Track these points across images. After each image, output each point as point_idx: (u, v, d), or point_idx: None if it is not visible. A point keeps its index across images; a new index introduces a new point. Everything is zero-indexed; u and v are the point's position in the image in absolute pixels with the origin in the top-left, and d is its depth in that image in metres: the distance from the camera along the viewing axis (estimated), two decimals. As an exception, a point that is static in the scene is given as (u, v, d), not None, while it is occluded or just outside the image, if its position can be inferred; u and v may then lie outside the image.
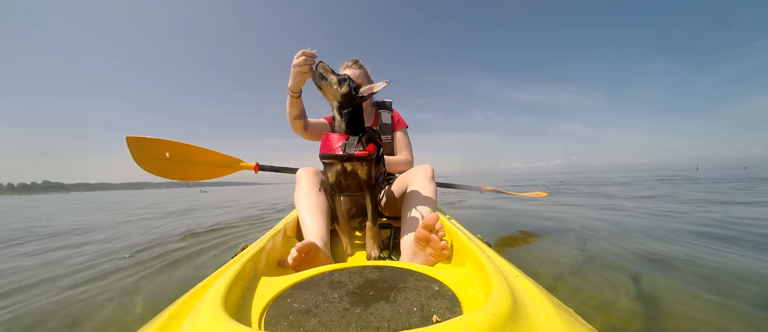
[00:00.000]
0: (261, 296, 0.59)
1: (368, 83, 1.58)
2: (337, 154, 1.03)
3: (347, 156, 1.02)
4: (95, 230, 3.71)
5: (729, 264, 1.57)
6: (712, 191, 6.00)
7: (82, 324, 1.17)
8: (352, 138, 1.04)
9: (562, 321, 0.46)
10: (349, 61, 1.58)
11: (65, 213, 6.79)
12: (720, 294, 1.22)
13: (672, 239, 2.13)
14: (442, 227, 0.86)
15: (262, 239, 0.99)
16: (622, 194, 6.29)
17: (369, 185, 1.09)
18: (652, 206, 4.00)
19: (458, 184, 2.42)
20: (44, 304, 1.36)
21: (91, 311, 1.27)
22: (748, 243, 1.97)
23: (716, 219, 2.87)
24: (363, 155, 1.02)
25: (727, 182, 8.88)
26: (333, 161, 1.06)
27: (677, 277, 1.42)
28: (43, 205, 11.59)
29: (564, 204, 4.66)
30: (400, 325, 0.48)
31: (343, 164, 1.06)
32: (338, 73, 1.10)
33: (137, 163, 1.75)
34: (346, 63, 1.58)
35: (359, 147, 1.02)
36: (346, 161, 1.05)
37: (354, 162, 1.05)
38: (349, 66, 1.55)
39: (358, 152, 1.02)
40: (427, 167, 1.34)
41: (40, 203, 14.30)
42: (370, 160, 1.05)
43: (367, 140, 1.05)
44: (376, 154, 1.09)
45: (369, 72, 1.64)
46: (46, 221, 5.01)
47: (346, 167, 1.06)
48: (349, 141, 1.04)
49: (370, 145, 1.05)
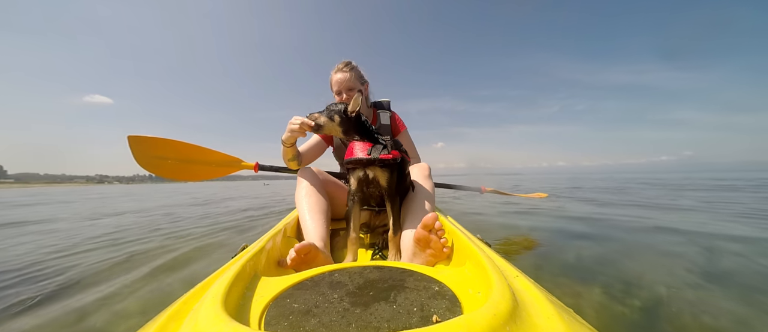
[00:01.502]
0: (261, 296, 0.59)
1: (361, 83, 1.59)
2: (359, 158, 1.05)
3: (368, 160, 1.04)
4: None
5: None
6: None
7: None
8: (378, 145, 1.07)
9: (562, 321, 0.46)
10: (340, 65, 1.58)
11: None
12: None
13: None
14: (441, 227, 0.86)
15: (262, 239, 0.99)
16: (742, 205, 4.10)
17: (390, 193, 1.10)
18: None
19: (457, 185, 2.42)
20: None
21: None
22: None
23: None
24: (388, 158, 1.04)
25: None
26: (356, 166, 1.09)
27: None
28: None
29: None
30: (400, 325, 0.48)
31: (365, 171, 1.08)
32: (329, 107, 1.16)
33: (138, 162, 1.76)
34: (337, 66, 1.58)
35: (385, 152, 1.05)
36: (368, 166, 1.07)
37: (375, 169, 1.07)
38: (340, 69, 1.56)
39: (384, 155, 1.04)
40: (424, 165, 1.34)
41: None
42: (393, 165, 1.07)
43: (392, 146, 1.08)
44: (400, 165, 1.10)
45: (362, 72, 1.64)
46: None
47: (368, 174, 1.08)
48: (375, 147, 1.07)
49: (394, 150, 1.07)
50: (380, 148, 1.06)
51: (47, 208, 6.50)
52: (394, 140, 1.11)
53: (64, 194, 14.51)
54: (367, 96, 1.70)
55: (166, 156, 1.79)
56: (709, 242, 2.10)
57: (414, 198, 1.19)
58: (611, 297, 1.25)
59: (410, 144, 1.77)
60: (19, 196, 11.34)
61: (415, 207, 1.15)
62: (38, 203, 7.95)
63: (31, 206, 7.00)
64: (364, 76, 1.63)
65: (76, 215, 4.95)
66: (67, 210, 5.85)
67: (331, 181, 1.44)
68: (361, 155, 1.06)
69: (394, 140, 1.11)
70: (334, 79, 1.56)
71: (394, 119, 1.74)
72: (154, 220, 3.99)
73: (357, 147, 1.09)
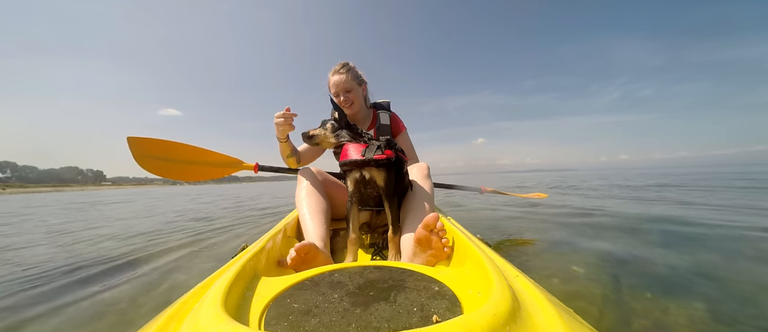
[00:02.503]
0: (261, 296, 0.59)
1: (359, 83, 1.60)
2: (354, 159, 1.06)
3: (363, 161, 1.05)
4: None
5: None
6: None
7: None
8: (372, 145, 1.07)
9: (562, 321, 0.46)
10: (336, 67, 1.59)
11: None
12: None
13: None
14: (442, 227, 0.86)
15: (262, 239, 0.99)
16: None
17: (387, 193, 1.10)
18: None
19: (457, 185, 2.42)
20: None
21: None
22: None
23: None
24: (381, 158, 1.04)
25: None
26: (352, 167, 1.09)
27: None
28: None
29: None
30: (400, 325, 0.48)
31: (362, 172, 1.08)
32: (322, 124, 1.25)
33: (138, 163, 1.77)
34: (334, 68, 1.59)
35: (378, 152, 1.05)
36: (364, 167, 1.07)
37: (371, 169, 1.07)
38: (337, 71, 1.57)
39: (378, 155, 1.04)
40: (422, 164, 1.33)
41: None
42: (389, 165, 1.07)
43: (385, 146, 1.07)
44: (397, 163, 1.10)
45: (360, 72, 1.65)
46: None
47: (364, 175, 1.08)
48: (369, 147, 1.07)
49: (388, 150, 1.07)
50: (374, 148, 1.06)
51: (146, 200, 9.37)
52: (388, 140, 1.11)
53: (147, 192, 18.46)
54: (365, 96, 1.70)
55: (165, 157, 1.80)
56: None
57: (413, 198, 1.19)
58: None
59: (409, 145, 1.77)
60: (118, 194, 13.91)
61: (415, 207, 1.15)
62: (130, 201, 10.10)
63: (129, 202, 9.25)
64: (361, 76, 1.63)
65: (176, 205, 7.04)
66: (164, 203, 7.97)
67: (332, 181, 1.44)
68: (356, 156, 1.06)
69: (388, 140, 1.11)
70: (331, 82, 1.57)
71: (393, 120, 1.75)
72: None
73: (351, 148, 1.09)
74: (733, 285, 1.30)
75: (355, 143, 1.11)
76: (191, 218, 4.19)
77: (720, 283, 1.32)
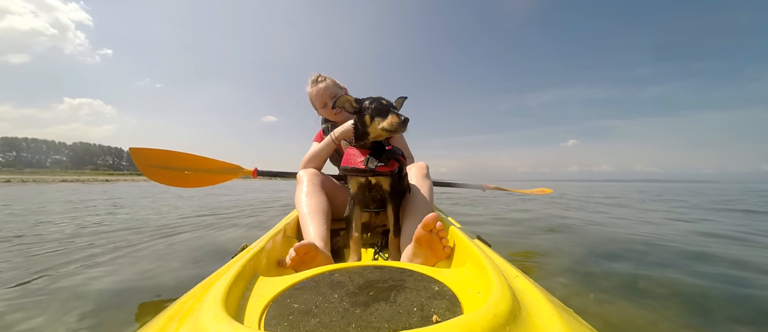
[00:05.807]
0: (261, 296, 0.59)
1: (339, 89, 1.64)
2: (361, 169, 1.06)
3: (371, 171, 1.05)
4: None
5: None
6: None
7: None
8: (374, 156, 1.07)
9: (562, 321, 0.46)
10: (312, 78, 1.62)
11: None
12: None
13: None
14: (442, 227, 0.86)
15: (262, 239, 0.99)
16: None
17: (392, 195, 1.11)
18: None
19: (458, 182, 2.42)
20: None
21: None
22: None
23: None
24: (386, 170, 1.05)
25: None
26: (356, 174, 1.10)
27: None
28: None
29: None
30: (400, 325, 0.48)
31: (368, 178, 1.09)
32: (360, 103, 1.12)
33: (142, 172, 1.82)
34: (311, 80, 1.62)
35: (381, 163, 1.06)
36: (372, 175, 1.08)
37: (378, 176, 1.08)
38: (316, 81, 1.61)
39: (380, 167, 1.05)
40: (421, 164, 1.33)
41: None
42: (393, 175, 1.09)
43: (387, 158, 1.08)
44: (398, 170, 1.11)
45: (336, 80, 1.69)
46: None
47: (370, 180, 1.10)
48: (371, 157, 1.07)
49: (392, 161, 1.08)
50: (376, 161, 1.07)
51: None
52: (389, 151, 1.12)
53: (240, 184, 20.28)
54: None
55: (166, 166, 1.87)
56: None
57: (413, 198, 1.19)
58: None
59: (404, 144, 1.78)
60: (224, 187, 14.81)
61: (415, 207, 1.15)
62: (229, 192, 10.91)
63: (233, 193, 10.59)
64: (338, 83, 1.67)
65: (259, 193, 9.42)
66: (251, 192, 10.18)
67: (331, 182, 1.44)
68: (359, 165, 1.06)
69: (389, 151, 1.12)
70: (313, 92, 1.60)
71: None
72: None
73: (354, 155, 1.09)
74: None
75: (358, 149, 1.11)
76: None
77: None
